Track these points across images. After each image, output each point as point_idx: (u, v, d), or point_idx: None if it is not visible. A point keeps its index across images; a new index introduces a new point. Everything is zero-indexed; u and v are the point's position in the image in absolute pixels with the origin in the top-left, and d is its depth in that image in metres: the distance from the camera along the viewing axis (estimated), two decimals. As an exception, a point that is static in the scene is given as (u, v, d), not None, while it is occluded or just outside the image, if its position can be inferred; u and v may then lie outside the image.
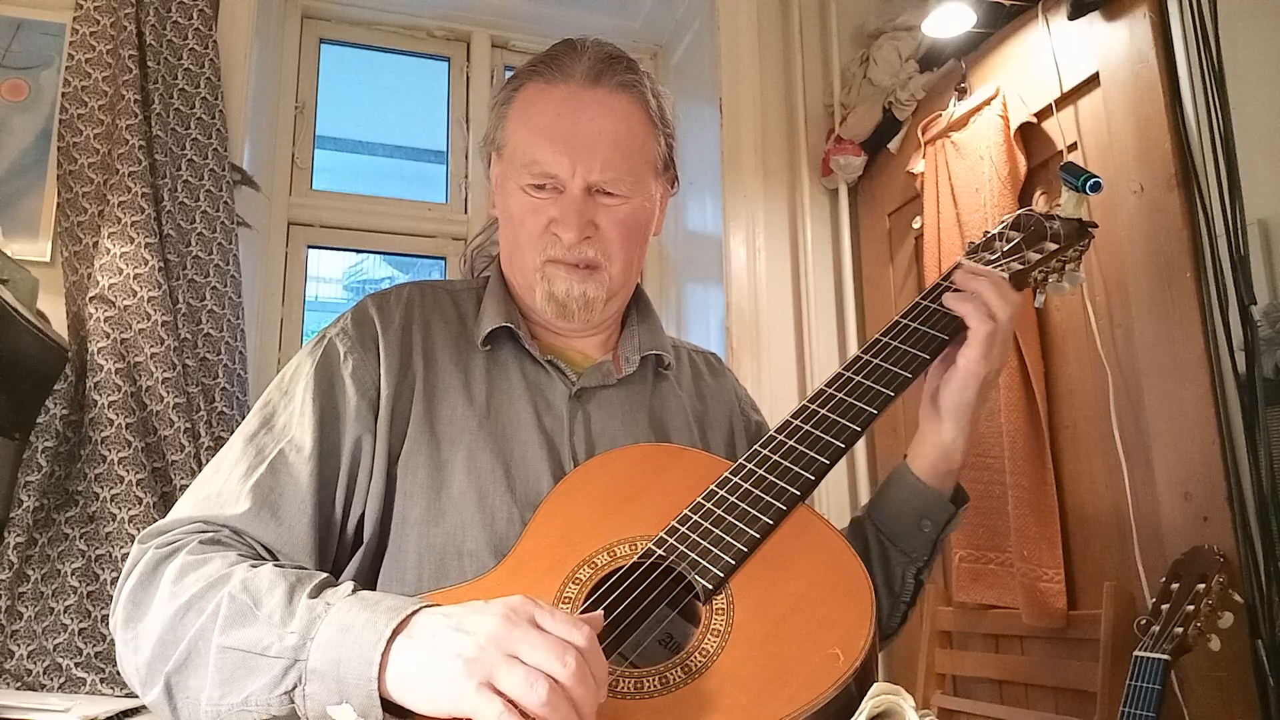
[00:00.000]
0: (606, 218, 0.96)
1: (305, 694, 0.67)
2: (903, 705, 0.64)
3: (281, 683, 0.68)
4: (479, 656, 0.63)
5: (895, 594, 0.98)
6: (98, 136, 1.91)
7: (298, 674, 0.68)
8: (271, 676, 0.68)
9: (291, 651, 0.68)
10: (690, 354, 1.14)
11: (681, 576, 0.77)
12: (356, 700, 0.66)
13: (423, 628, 0.67)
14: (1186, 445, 1.40)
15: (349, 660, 0.66)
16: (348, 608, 0.69)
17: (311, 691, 0.67)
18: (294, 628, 0.69)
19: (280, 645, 0.69)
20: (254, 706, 0.68)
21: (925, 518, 0.95)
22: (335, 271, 3.59)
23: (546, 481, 0.91)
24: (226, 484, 0.85)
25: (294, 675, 0.68)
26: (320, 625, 0.68)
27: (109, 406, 1.73)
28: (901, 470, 0.98)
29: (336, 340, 0.95)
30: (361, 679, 0.66)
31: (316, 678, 0.67)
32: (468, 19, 2.68)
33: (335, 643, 0.67)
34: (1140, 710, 1.19)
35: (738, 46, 2.40)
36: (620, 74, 0.97)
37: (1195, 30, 1.43)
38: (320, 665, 0.67)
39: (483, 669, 0.62)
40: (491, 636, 0.64)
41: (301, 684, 0.67)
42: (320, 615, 0.69)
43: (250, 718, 0.69)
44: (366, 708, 0.66)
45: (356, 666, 0.66)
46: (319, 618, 0.69)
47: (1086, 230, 1.06)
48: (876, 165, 2.25)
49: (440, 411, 0.93)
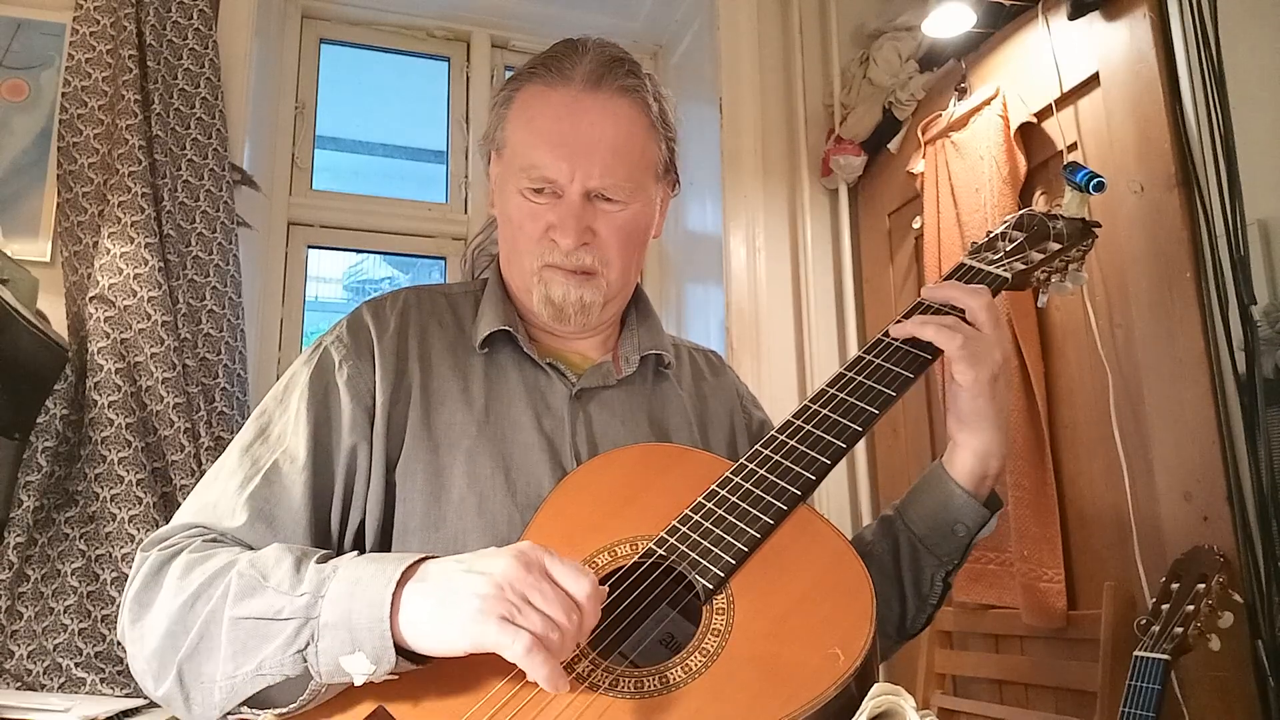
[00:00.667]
0: (605, 224, 0.95)
1: (318, 650, 0.68)
2: (903, 705, 0.64)
3: (295, 642, 0.68)
4: (496, 594, 0.65)
5: (923, 596, 0.96)
6: (98, 136, 1.91)
7: (310, 631, 0.68)
8: (285, 638, 0.69)
9: (304, 610, 0.69)
10: (691, 353, 1.14)
11: (682, 576, 0.77)
12: (369, 646, 0.66)
13: (433, 572, 0.69)
14: (1186, 445, 1.40)
15: (360, 608, 0.67)
16: (356, 564, 0.71)
17: (324, 646, 0.68)
18: (304, 589, 0.70)
19: (292, 607, 0.69)
20: (268, 670, 0.69)
21: (959, 522, 0.93)
22: (335, 271, 3.59)
23: (547, 484, 0.91)
24: (223, 495, 0.85)
25: (307, 633, 0.68)
26: (330, 583, 0.69)
27: (109, 406, 1.73)
28: (937, 472, 0.95)
29: (331, 348, 0.94)
30: (373, 621, 0.66)
31: (329, 631, 0.68)
32: (468, 19, 2.68)
33: (346, 594, 0.68)
34: (1140, 710, 1.19)
35: (738, 46, 2.40)
36: (621, 78, 0.96)
37: (1195, 30, 1.43)
38: (332, 618, 0.68)
39: (503, 606, 0.64)
40: (506, 576, 0.65)
41: (315, 640, 0.68)
42: (329, 575, 0.70)
43: (264, 682, 0.69)
44: (379, 652, 0.66)
45: (367, 611, 0.67)
46: (328, 577, 0.70)
47: (1090, 230, 1.06)
48: (876, 165, 2.26)
49: (438, 417, 0.93)
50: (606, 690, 0.68)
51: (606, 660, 0.72)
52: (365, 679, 0.67)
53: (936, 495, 0.94)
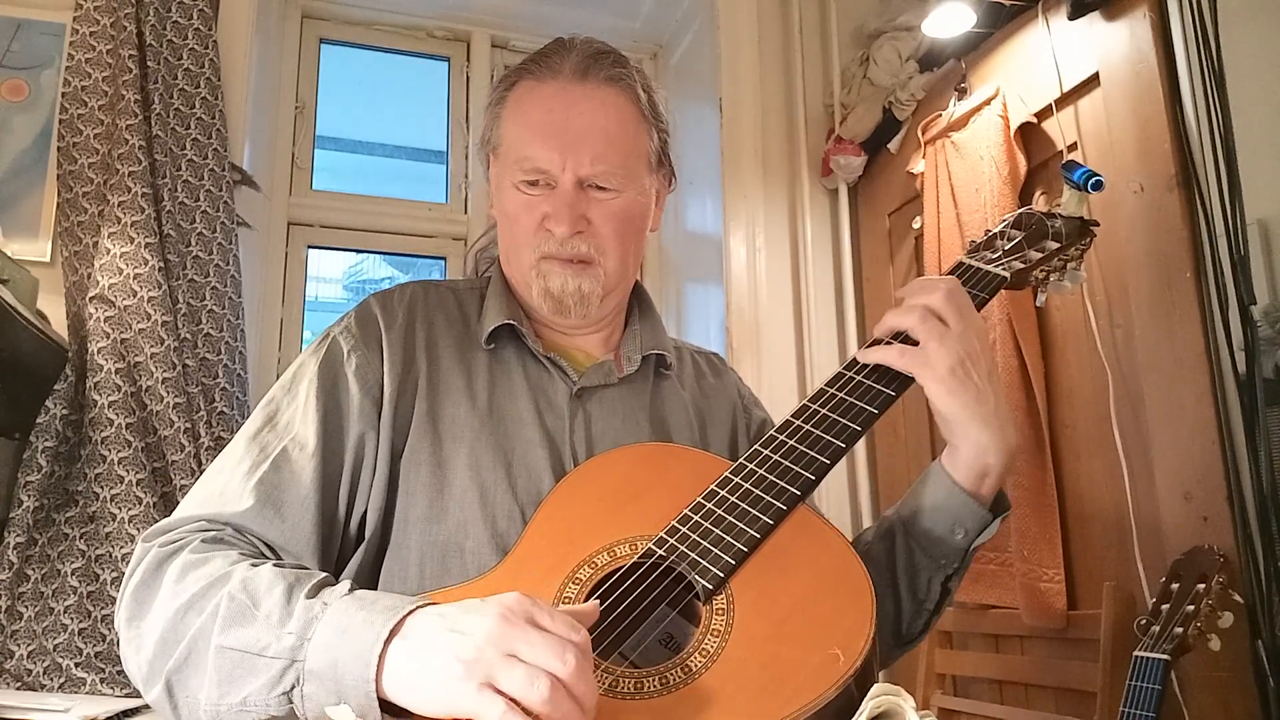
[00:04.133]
0: (599, 212, 0.96)
1: (304, 694, 0.67)
2: (903, 705, 0.64)
3: (280, 683, 0.68)
4: (477, 657, 0.63)
5: (919, 600, 0.94)
6: (98, 136, 1.90)
7: (295, 674, 0.68)
8: (270, 677, 0.68)
9: (289, 652, 0.68)
10: (693, 354, 1.15)
11: (682, 576, 0.77)
12: (355, 701, 0.66)
13: (418, 629, 0.67)
14: (1186, 445, 1.40)
15: (346, 662, 0.66)
16: (344, 608, 0.69)
17: (309, 692, 0.67)
18: (291, 628, 0.69)
19: (278, 646, 0.69)
20: (253, 707, 0.68)
21: (959, 524, 0.89)
22: (335, 271, 3.59)
23: (548, 480, 0.91)
24: (230, 482, 0.85)
25: (292, 676, 0.68)
26: (317, 626, 0.68)
27: (109, 406, 1.73)
28: (935, 471, 0.91)
29: (340, 338, 0.95)
30: (359, 680, 0.65)
31: (314, 678, 0.67)
32: (467, 19, 2.68)
33: (332, 644, 0.67)
34: (1140, 710, 1.19)
35: (738, 46, 2.39)
36: (608, 68, 0.97)
37: (1195, 30, 1.43)
38: (318, 666, 0.67)
39: (482, 670, 0.62)
40: (489, 636, 0.63)
41: (300, 684, 0.67)
42: (317, 616, 0.69)
43: (249, 718, 0.69)
44: (365, 708, 0.65)
45: (354, 668, 0.66)
46: (315, 618, 0.69)
47: (1088, 229, 1.06)
48: (876, 165, 2.25)
49: (443, 410, 0.93)
50: (606, 691, 0.68)
51: (606, 661, 0.72)
52: None
53: (935, 495, 0.91)
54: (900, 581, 0.94)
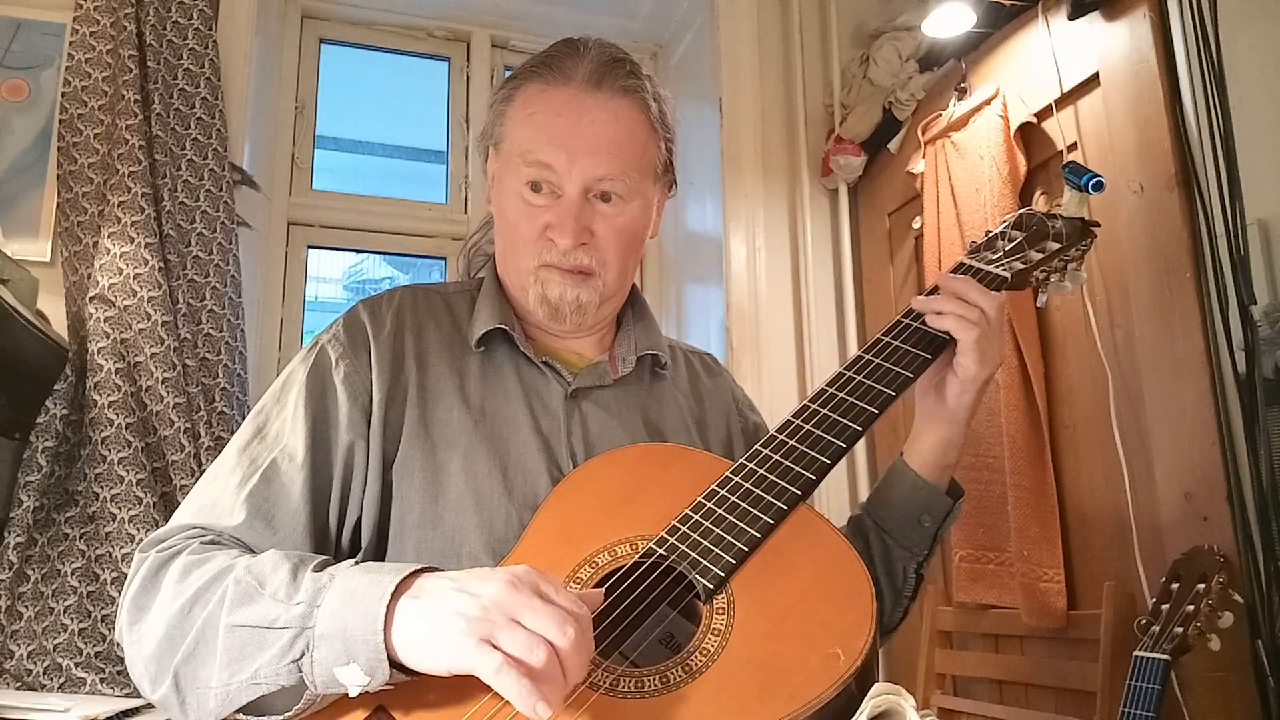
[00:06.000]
0: (603, 225, 0.96)
1: (313, 660, 0.68)
2: (903, 705, 0.64)
3: (290, 651, 0.68)
4: (481, 616, 0.64)
5: (898, 589, 1.00)
6: (98, 136, 1.90)
7: (305, 641, 0.68)
8: (280, 647, 0.68)
9: (299, 620, 0.69)
10: (687, 355, 1.14)
11: (682, 576, 0.77)
12: (364, 658, 0.66)
13: (428, 589, 0.68)
14: (1186, 445, 1.40)
15: (355, 620, 0.67)
16: (352, 574, 0.71)
17: (319, 657, 0.67)
18: (300, 598, 0.70)
19: (288, 615, 0.69)
20: (263, 679, 0.69)
21: (925, 512, 0.97)
22: (335, 271, 3.59)
23: (544, 482, 0.91)
24: (222, 495, 0.85)
25: (302, 643, 0.68)
26: (326, 593, 0.69)
27: (109, 406, 1.73)
28: (899, 467, 1.00)
29: (328, 347, 0.95)
30: (368, 634, 0.66)
31: (324, 642, 0.67)
32: (468, 19, 2.68)
33: (341, 606, 0.68)
34: (1140, 710, 1.19)
35: (738, 46, 2.40)
36: (623, 79, 0.96)
37: (1195, 30, 1.43)
38: (327, 629, 0.67)
39: (484, 627, 0.64)
40: (494, 599, 0.65)
41: (309, 650, 0.68)
42: (325, 585, 0.70)
43: (259, 690, 0.69)
44: (373, 665, 0.66)
45: (362, 623, 0.67)
46: (324, 587, 0.70)
47: (1089, 229, 1.06)
48: (876, 165, 2.26)
49: (435, 415, 0.93)
50: (607, 690, 0.68)
51: (607, 660, 0.72)
52: (360, 690, 0.67)
53: (901, 490, 0.99)
54: (878, 574, 0.99)
